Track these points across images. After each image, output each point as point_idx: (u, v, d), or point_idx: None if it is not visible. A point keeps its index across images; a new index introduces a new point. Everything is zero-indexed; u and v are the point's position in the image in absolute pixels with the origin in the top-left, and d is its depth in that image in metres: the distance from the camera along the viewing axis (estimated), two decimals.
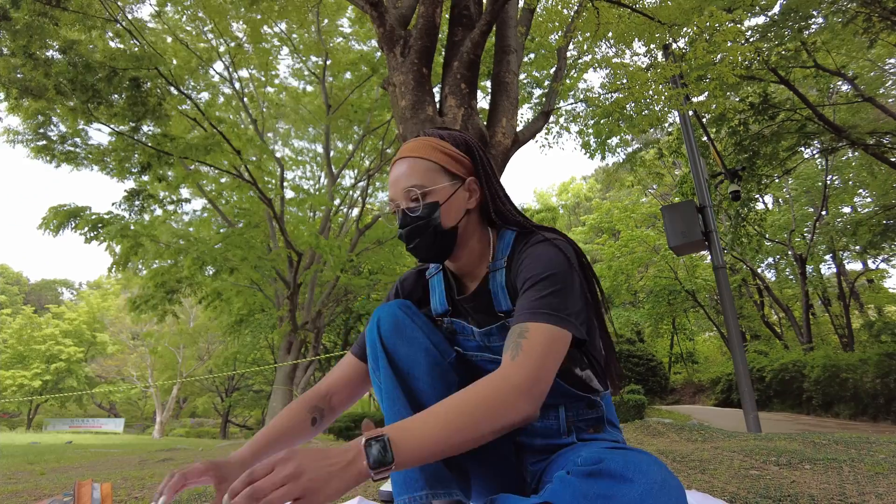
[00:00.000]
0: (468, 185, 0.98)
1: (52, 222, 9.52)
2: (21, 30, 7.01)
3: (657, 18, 4.91)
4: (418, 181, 0.94)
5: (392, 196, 0.98)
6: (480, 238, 1.00)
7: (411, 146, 0.98)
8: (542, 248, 0.90)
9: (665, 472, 0.67)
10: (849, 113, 11.88)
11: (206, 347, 26.10)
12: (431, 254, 0.97)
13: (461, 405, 0.72)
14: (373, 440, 0.66)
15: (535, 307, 0.82)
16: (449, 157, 0.97)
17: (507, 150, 4.59)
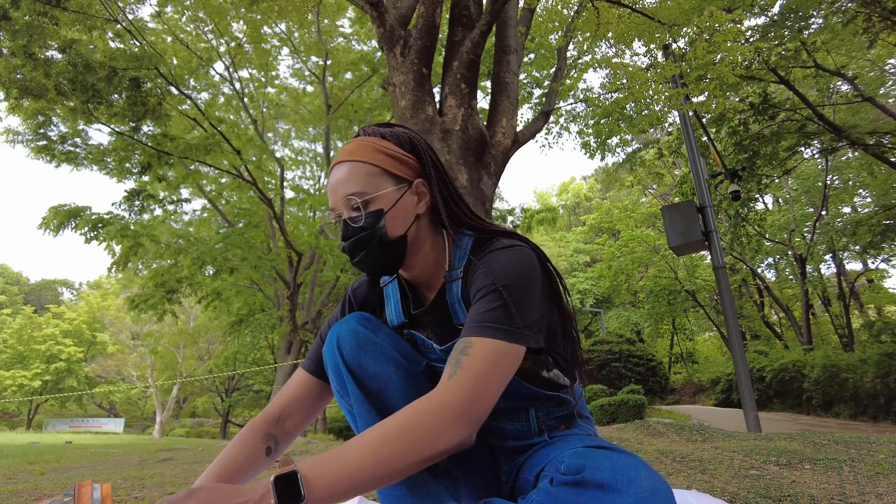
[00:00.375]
0: (416, 187, 0.89)
1: (52, 222, 9.53)
2: (21, 29, 7.02)
3: (657, 18, 4.91)
4: (359, 188, 0.85)
5: (332, 205, 0.88)
6: (434, 245, 0.91)
7: (350, 148, 0.89)
8: (497, 256, 0.83)
9: (653, 477, 0.65)
10: (849, 113, 11.88)
11: (206, 347, 26.11)
12: (378, 267, 0.88)
13: (385, 435, 0.67)
14: (282, 476, 0.61)
15: (482, 320, 0.76)
16: (392, 158, 0.88)
17: (507, 150, 4.59)
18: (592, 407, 9.70)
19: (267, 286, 13.95)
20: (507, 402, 0.88)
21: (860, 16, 8.14)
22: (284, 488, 0.60)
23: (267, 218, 12.60)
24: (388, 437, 0.67)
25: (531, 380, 0.88)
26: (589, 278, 22.31)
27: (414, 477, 0.79)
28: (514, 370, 0.77)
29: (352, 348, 0.87)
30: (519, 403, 0.91)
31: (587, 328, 24.05)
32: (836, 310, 16.87)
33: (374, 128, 0.92)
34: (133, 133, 9.05)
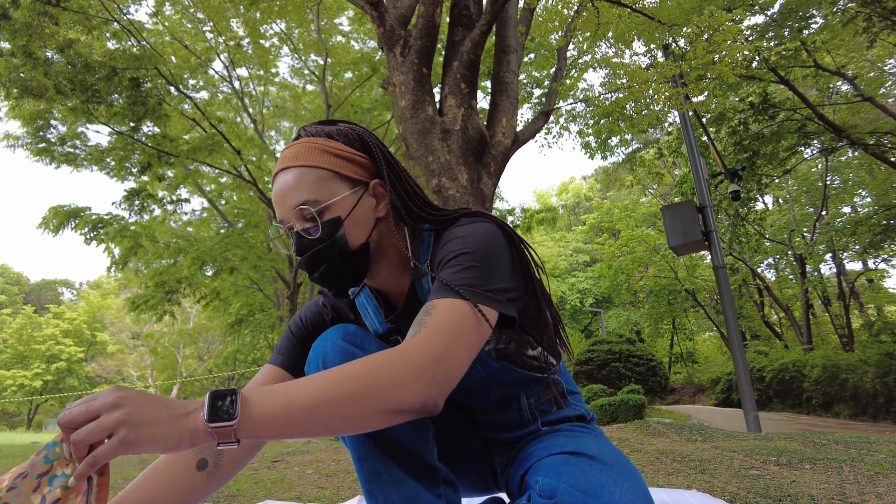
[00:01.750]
0: (373, 189, 0.82)
1: (51, 222, 9.53)
2: (20, 29, 7.01)
3: (657, 18, 4.91)
4: (311, 195, 0.76)
5: (280, 217, 0.79)
6: (398, 247, 0.84)
7: (294, 152, 0.79)
8: (461, 230, 0.78)
9: (629, 491, 0.64)
10: (849, 113, 11.88)
11: (206, 347, 26.11)
12: (342, 281, 0.81)
13: (339, 375, 0.59)
14: (220, 392, 0.55)
15: (446, 284, 0.70)
16: (343, 159, 0.80)
17: (507, 149, 4.59)
18: (592, 407, 9.70)
19: (267, 286, 13.95)
20: (499, 392, 0.87)
21: (860, 15, 8.14)
22: (218, 403, 0.54)
23: (267, 218, 12.60)
24: (343, 377, 0.59)
25: (518, 362, 0.84)
26: (589, 278, 22.31)
27: (412, 491, 0.74)
28: (483, 335, 0.69)
29: (333, 353, 0.78)
30: (510, 392, 0.88)
31: (587, 328, 24.04)
32: (836, 310, 16.87)
33: (318, 126, 0.83)
34: (133, 133, 9.05)
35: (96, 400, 0.52)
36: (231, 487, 2.41)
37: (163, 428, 0.52)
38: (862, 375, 11.35)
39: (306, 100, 13.66)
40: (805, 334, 15.95)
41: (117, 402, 0.51)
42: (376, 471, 0.74)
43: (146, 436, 0.51)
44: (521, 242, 0.84)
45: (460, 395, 0.85)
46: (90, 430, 0.50)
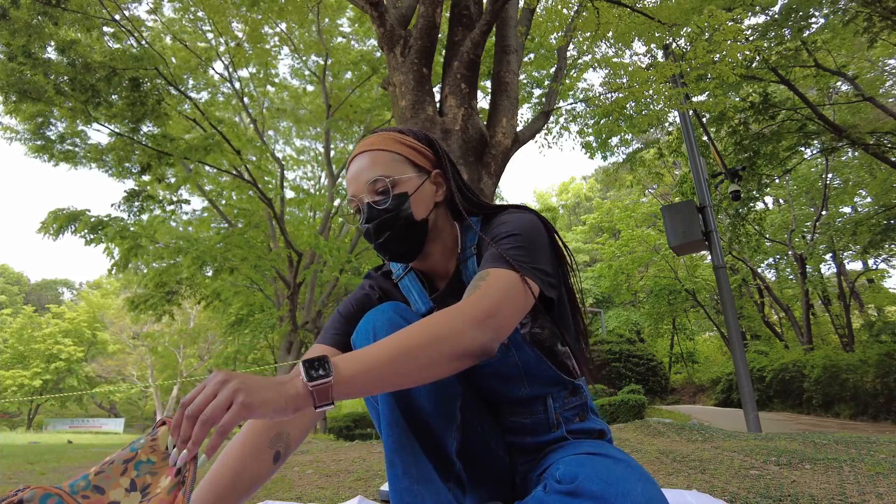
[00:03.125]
0: (434, 177, 0.94)
1: (51, 226, 9.52)
2: (20, 29, 7.01)
3: (657, 18, 4.91)
4: (384, 172, 0.89)
5: (353, 193, 0.91)
6: (449, 233, 0.95)
7: (371, 140, 0.93)
8: (508, 216, 0.88)
9: (651, 491, 0.64)
10: (849, 113, 11.87)
11: (206, 347, 26.10)
12: (403, 249, 0.91)
13: (410, 331, 0.68)
14: (312, 359, 0.62)
15: (497, 256, 0.79)
16: (412, 149, 0.93)
17: (507, 149, 4.59)
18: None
19: (267, 286, 13.94)
20: (528, 387, 0.91)
21: (860, 15, 8.14)
22: (314, 368, 0.61)
23: (267, 218, 12.60)
24: (413, 332, 0.68)
25: (549, 354, 0.89)
26: (589, 278, 22.30)
27: (427, 472, 0.78)
28: (528, 303, 0.78)
29: (383, 323, 0.84)
30: (538, 390, 0.92)
31: (587, 328, 24.01)
32: (837, 310, 16.86)
33: (391, 128, 0.97)
34: (132, 133, 9.04)
35: (208, 384, 0.59)
36: None
37: (270, 393, 0.59)
38: (862, 375, 11.35)
39: (306, 100, 13.65)
40: (805, 334, 15.94)
41: (227, 377, 0.59)
42: (401, 442, 0.79)
43: (259, 399, 0.58)
44: (560, 240, 0.93)
45: (496, 383, 0.91)
46: (214, 407, 0.56)
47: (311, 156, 15.93)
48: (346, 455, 3.33)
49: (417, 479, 0.77)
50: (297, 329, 12.13)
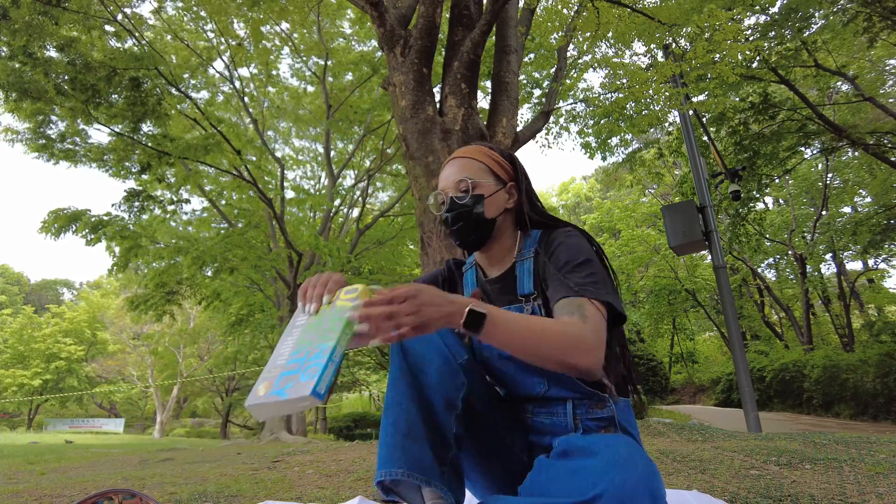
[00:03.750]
0: (509, 188, 1.13)
1: (52, 226, 9.52)
2: (21, 29, 7.01)
3: (657, 18, 4.91)
4: (469, 175, 1.09)
5: (442, 188, 1.12)
6: (510, 236, 1.13)
7: (466, 149, 1.15)
8: (575, 239, 1.02)
9: (635, 452, 0.71)
10: (849, 113, 11.87)
11: (207, 347, 26.10)
12: (470, 238, 1.09)
13: (546, 325, 0.85)
14: (476, 312, 0.79)
15: (583, 284, 0.93)
16: (496, 162, 1.13)
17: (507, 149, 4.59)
18: None
19: (267, 286, 13.93)
20: (548, 386, 1.00)
21: (860, 15, 8.13)
22: (473, 319, 0.79)
23: (267, 218, 12.59)
24: (552, 330, 0.84)
25: None
26: None
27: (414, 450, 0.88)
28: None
29: None
30: (558, 392, 1.00)
31: None
32: (837, 310, 16.86)
33: (484, 143, 1.18)
34: (132, 133, 9.03)
35: (398, 291, 0.75)
36: (231, 487, 2.41)
37: (436, 314, 0.77)
38: (862, 375, 11.35)
39: (307, 100, 13.65)
40: (805, 334, 15.94)
41: (415, 293, 0.76)
42: (398, 401, 0.94)
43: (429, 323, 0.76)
44: (606, 260, 1.07)
45: (513, 368, 1.03)
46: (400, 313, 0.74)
47: (310, 156, 15.94)
48: (347, 455, 3.33)
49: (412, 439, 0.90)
50: None
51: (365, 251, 13.50)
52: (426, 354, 0.96)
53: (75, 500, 2.22)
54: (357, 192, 14.04)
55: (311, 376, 0.71)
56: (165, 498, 2.18)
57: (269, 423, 11.30)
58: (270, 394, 0.74)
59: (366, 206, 14.21)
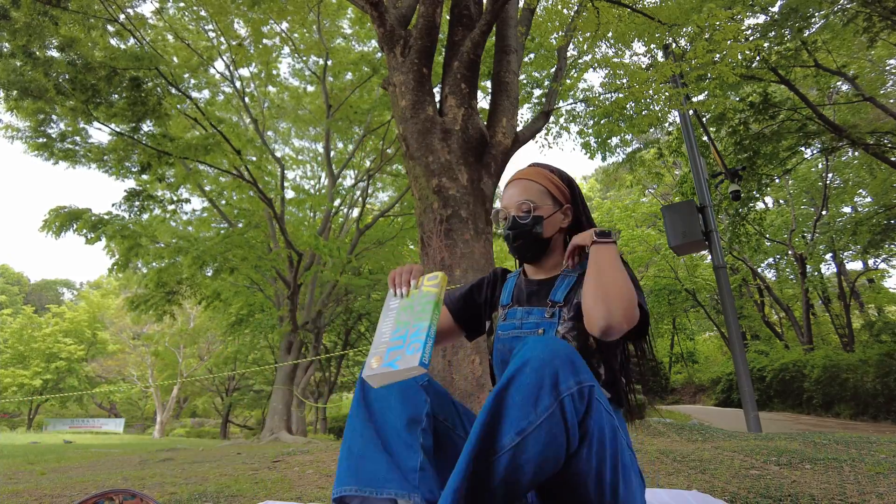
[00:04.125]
0: (565, 209, 1.24)
1: (53, 225, 9.52)
2: (21, 29, 7.00)
3: (657, 18, 4.91)
4: (530, 197, 1.20)
5: (505, 206, 1.23)
6: (562, 251, 1.25)
7: (529, 171, 1.25)
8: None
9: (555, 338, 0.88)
10: (849, 113, 11.86)
11: (207, 347, 26.09)
12: (529, 254, 1.22)
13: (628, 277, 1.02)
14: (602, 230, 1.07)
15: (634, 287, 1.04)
16: (555, 185, 1.24)
17: (507, 149, 4.58)
18: None
19: (267, 286, 13.93)
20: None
21: (860, 15, 8.13)
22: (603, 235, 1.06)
23: (267, 218, 12.58)
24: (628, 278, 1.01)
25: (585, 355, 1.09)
26: None
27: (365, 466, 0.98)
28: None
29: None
30: None
31: None
32: (837, 309, 16.85)
33: (546, 164, 1.29)
34: (133, 133, 9.02)
35: None
36: (231, 488, 2.41)
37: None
38: (862, 375, 11.35)
39: (307, 100, 13.64)
40: (805, 334, 15.94)
41: None
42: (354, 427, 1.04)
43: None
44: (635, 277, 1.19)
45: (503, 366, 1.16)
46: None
47: (310, 156, 15.93)
48: None
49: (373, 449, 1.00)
50: (298, 329, 12.13)
51: (365, 251, 13.50)
52: (386, 388, 1.03)
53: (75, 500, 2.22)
54: (357, 192, 14.04)
55: (416, 350, 0.86)
56: (165, 498, 2.18)
57: (269, 423, 11.32)
58: (383, 365, 0.88)
59: (366, 206, 14.20)
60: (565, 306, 1.13)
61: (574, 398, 0.82)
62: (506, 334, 1.19)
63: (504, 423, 0.81)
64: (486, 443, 0.81)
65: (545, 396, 0.81)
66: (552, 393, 0.81)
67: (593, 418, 0.85)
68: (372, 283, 14.85)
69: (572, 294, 1.14)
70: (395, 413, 1.01)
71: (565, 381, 0.82)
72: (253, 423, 30.07)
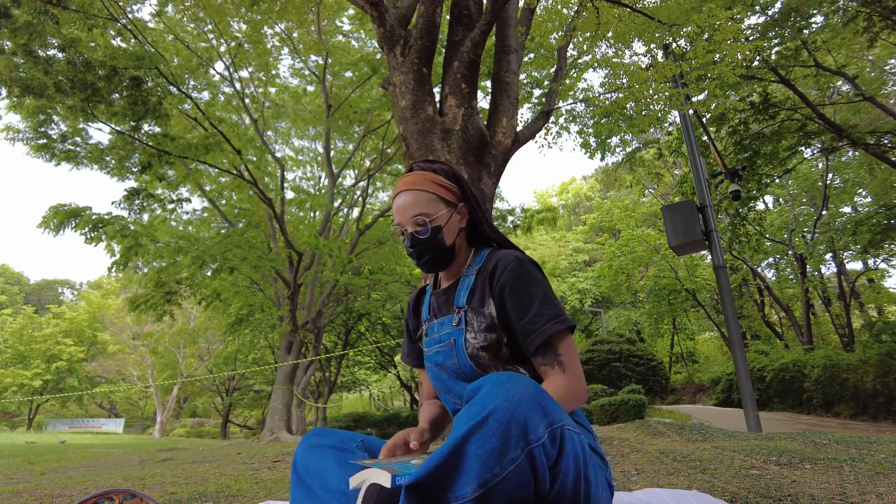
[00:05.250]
0: (460, 209, 1.21)
1: (52, 222, 9.52)
2: (21, 27, 7.00)
3: (657, 18, 4.90)
4: (423, 210, 1.16)
5: (399, 222, 1.19)
6: (465, 251, 1.24)
7: (412, 180, 1.19)
8: (517, 273, 1.10)
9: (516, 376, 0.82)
10: (849, 112, 11.86)
11: (207, 347, 26.09)
12: (438, 266, 1.20)
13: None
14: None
15: (545, 321, 1.05)
16: (443, 188, 1.19)
17: (507, 149, 4.58)
18: (593, 406, 9.70)
19: (267, 286, 13.93)
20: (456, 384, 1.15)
21: (860, 15, 8.12)
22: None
23: (267, 218, 12.59)
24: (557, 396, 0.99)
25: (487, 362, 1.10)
26: (589, 278, 22.29)
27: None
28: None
29: (303, 452, 1.09)
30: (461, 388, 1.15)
31: (587, 328, 24.02)
32: (837, 310, 16.85)
33: (427, 164, 1.23)
34: (133, 132, 9.03)
35: None
36: (231, 488, 2.41)
37: None
38: (862, 375, 11.35)
39: (306, 100, 13.64)
40: (805, 334, 15.93)
41: None
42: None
43: None
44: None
45: (454, 384, 1.17)
46: None
47: (310, 156, 15.93)
48: None
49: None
50: (298, 329, 12.13)
51: (365, 251, 13.49)
52: (320, 459, 1.05)
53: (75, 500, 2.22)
54: (357, 192, 14.04)
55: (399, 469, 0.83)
56: (165, 498, 2.18)
57: (269, 422, 11.32)
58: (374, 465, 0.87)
59: (366, 206, 14.21)
60: (470, 311, 1.13)
61: (545, 446, 0.77)
62: (431, 350, 1.20)
63: (463, 472, 0.74)
64: (439, 489, 0.75)
65: (512, 450, 0.74)
66: (520, 444, 0.75)
67: (566, 456, 0.81)
68: (372, 283, 14.84)
69: (472, 294, 1.15)
70: (335, 478, 1.02)
71: (534, 431, 0.76)
72: (253, 423, 30.07)
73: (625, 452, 2.70)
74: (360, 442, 1.10)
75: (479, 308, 1.12)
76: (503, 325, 1.10)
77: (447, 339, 1.15)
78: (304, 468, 1.05)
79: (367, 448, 1.11)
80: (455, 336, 1.13)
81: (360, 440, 1.11)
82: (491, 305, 1.11)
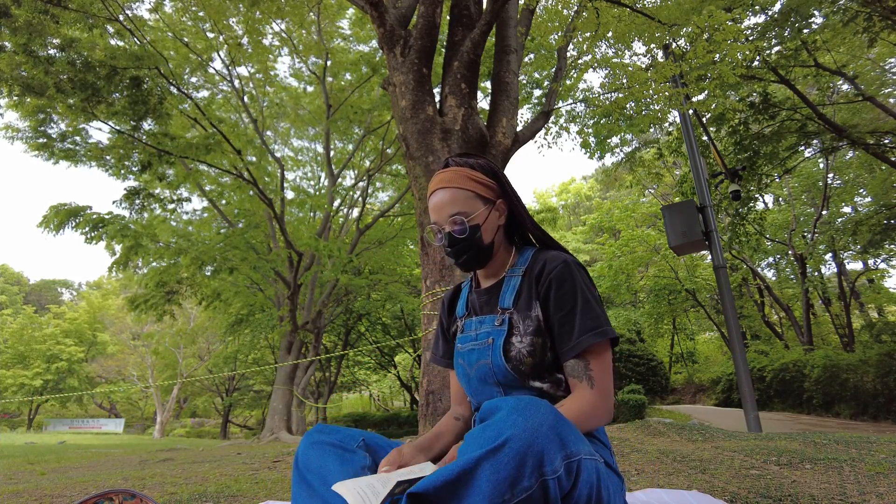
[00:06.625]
0: (498, 206, 1.18)
1: (52, 221, 9.53)
2: (21, 27, 7.01)
3: (657, 18, 4.91)
4: (461, 209, 1.12)
5: (436, 220, 1.16)
6: (506, 249, 1.21)
7: (448, 177, 1.15)
8: (564, 276, 1.07)
9: (538, 401, 0.79)
10: (849, 112, 11.86)
11: (207, 347, 26.10)
12: (476, 265, 1.18)
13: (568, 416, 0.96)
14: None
15: (583, 332, 1.03)
16: (481, 184, 1.15)
17: (507, 149, 4.58)
18: None
19: (267, 286, 13.93)
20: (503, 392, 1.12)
21: (860, 15, 8.12)
22: None
23: (267, 218, 12.58)
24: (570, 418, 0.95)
25: (531, 377, 1.08)
26: None
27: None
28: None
29: (304, 449, 1.06)
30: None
31: None
32: (837, 310, 16.85)
33: (462, 159, 1.19)
34: (133, 132, 9.03)
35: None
36: (231, 488, 2.41)
37: None
38: (862, 375, 11.35)
39: (306, 100, 13.64)
40: (805, 334, 15.93)
41: None
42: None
43: None
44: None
45: (477, 384, 1.15)
46: None
47: (310, 156, 15.93)
48: None
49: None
50: (298, 329, 12.12)
51: (365, 251, 13.49)
52: (322, 457, 1.03)
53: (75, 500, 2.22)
54: (357, 192, 14.03)
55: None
56: (165, 498, 2.18)
57: (269, 423, 11.32)
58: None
59: (366, 206, 14.21)
60: (516, 312, 1.11)
61: (560, 479, 0.75)
62: (464, 347, 1.18)
63: (472, 493, 0.73)
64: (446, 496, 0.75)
65: (526, 479, 0.73)
66: (534, 476, 0.73)
67: (581, 486, 0.79)
68: (372, 283, 14.84)
69: (518, 296, 1.12)
70: (335, 476, 1.00)
71: (551, 464, 0.74)
72: (253, 423, 30.06)
73: (625, 452, 2.71)
74: (362, 441, 1.09)
75: (525, 311, 1.10)
76: (548, 328, 1.08)
77: (484, 338, 1.13)
78: (306, 465, 1.04)
79: (369, 447, 1.10)
80: (494, 336, 1.11)
81: (361, 439, 1.10)
82: (537, 308, 1.09)
